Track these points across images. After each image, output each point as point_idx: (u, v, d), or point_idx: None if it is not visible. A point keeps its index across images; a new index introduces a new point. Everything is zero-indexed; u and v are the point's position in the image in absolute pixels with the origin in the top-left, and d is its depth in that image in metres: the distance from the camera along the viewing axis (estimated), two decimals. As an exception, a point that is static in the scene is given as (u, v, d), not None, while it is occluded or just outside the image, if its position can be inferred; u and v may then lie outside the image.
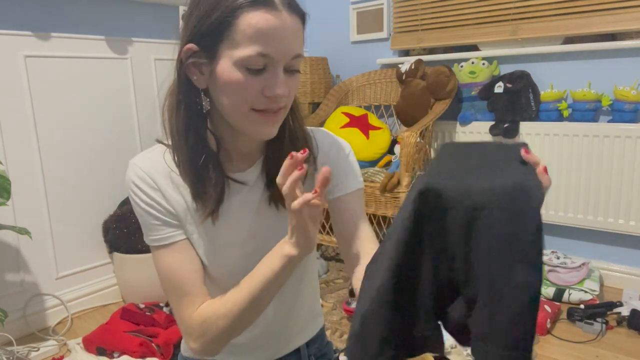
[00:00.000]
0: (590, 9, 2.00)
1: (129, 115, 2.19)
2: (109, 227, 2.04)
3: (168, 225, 0.75)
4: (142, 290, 2.02)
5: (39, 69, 1.88)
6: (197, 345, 0.73)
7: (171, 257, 0.75)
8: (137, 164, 0.75)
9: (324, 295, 2.09)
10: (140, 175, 0.74)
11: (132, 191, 0.75)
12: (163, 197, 0.75)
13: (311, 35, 3.05)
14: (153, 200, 0.74)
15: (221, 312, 0.71)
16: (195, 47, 0.70)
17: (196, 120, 0.72)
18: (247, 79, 0.66)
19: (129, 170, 0.76)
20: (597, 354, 1.59)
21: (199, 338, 0.73)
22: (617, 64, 2.00)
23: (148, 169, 0.75)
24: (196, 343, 0.73)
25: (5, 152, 1.80)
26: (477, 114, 2.31)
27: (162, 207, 0.75)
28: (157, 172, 0.75)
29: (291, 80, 0.70)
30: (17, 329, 1.84)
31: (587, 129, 2.01)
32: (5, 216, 1.81)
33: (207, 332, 0.72)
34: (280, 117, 0.72)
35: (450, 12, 2.39)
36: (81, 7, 2.00)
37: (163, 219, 0.75)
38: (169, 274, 0.75)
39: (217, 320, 0.71)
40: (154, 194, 0.74)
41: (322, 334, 0.99)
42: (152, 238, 0.76)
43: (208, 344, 0.73)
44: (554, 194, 2.14)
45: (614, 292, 2.04)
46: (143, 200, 0.75)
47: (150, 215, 0.75)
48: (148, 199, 0.74)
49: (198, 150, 0.73)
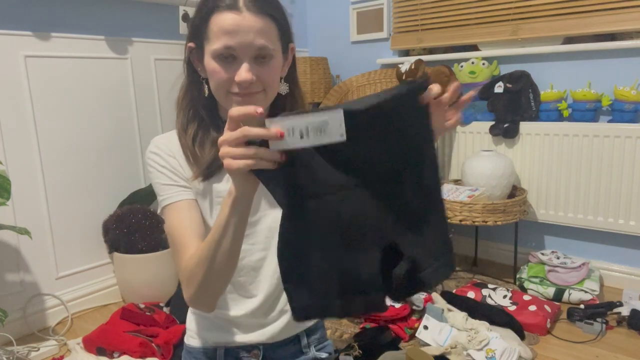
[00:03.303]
0: (590, 9, 2.00)
1: (129, 115, 2.19)
2: (109, 227, 2.04)
3: (177, 185, 0.88)
4: (142, 290, 2.02)
5: (39, 69, 1.88)
6: (187, 295, 0.81)
7: (174, 215, 0.86)
8: (157, 139, 0.92)
9: (324, 295, 2.09)
10: (159, 146, 0.90)
11: (150, 158, 0.89)
12: (177, 162, 0.89)
13: (311, 35, 3.05)
14: (167, 163, 0.88)
15: (198, 259, 0.77)
16: (193, 45, 0.87)
17: (198, 101, 0.89)
18: (220, 68, 0.81)
19: (150, 145, 0.91)
20: (597, 354, 1.59)
21: (187, 287, 0.80)
22: (617, 64, 2.00)
23: (166, 142, 0.90)
24: (186, 292, 0.81)
25: (5, 152, 1.80)
26: (477, 114, 2.31)
27: (174, 169, 0.88)
28: (174, 145, 0.90)
29: (262, 69, 0.82)
30: (17, 329, 1.84)
31: (587, 129, 2.01)
32: (5, 216, 1.81)
33: (192, 279, 0.79)
34: (258, 100, 0.83)
35: (450, 12, 2.39)
36: (81, 7, 2.00)
37: (174, 179, 0.88)
38: (170, 229, 0.86)
39: (196, 266, 0.78)
40: (169, 159, 0.89)
41: (322, 328, 1.07)
42: (163, 198, 0.88)
43: (195, 293, 0.79)
44: (554, 194, 2.14)
45: (614, 292, 2.04)
46: (159, 163, 0.89)
47: (163, 175, 0.88)
48: (164, 162, 0.88)
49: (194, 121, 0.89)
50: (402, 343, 1.66)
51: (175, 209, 0.86)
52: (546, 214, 2.18)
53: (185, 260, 0.81)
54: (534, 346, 1.64)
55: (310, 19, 3.03)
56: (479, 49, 2.36)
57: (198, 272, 0.77)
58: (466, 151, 2.36)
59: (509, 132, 2.17)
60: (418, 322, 1.66)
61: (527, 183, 2.21)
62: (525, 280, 2.03)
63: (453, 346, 1.51)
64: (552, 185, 2.15)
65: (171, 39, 2.30)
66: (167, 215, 0.87)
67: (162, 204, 0.88)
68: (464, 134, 2.35)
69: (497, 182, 2.04)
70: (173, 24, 2.27)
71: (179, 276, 0.85)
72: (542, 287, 1.98)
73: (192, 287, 0.79)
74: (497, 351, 1.48)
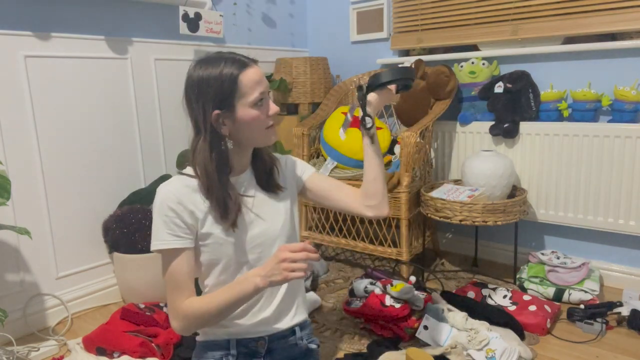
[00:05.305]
0: (590, 9, 2.00)
1: (129, 115, 2.19)
2: (109, 227, 2.04)
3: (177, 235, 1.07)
4: (142, 290, 2.02)
5: (39, 69, 1.88)
6: (177, 325, 1.08)
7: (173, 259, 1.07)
8: (164, 188, 1.08)
9: (324, 295, 2.09)
10: (167, 199, 1.06)
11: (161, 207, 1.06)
12: (184, 210, 1.07)
13: (311, 35, 3.05)
14: (174, 213, 1.06)
15: (200, 310, 1.05)
16: (218, 111, 1.05)
17: (221, 158, 1.08)
18: (258, 112, 1.08)
19: (158, 194, 1.08)
20: (597, 354, 1.59)
21: (181, 322, 1.07)
22: (617, 64, 2.00)
23: (172, 190, 1.08)
24: (178, 324, 1.07)
25: (5, 152, 1.80)
26: (477, 114, 2.32)
27: (182, 220, 1.06)
28: (180, 194, 1.07)
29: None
30: (17, 329, 1.84)
31: (587, 129, 2.01)
32: (5, 216, 1.81)
33: (188, 318, 1.06)
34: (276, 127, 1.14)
35: (450, 12, 2.40)
36: (81, 7, 2.00)
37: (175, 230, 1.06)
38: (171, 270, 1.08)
39: (195, 313, 1.05)
40: (177, 206, 1.06)
41: (310, 324, 1.33)
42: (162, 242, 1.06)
43: (186, 327, 1.08)
44: (554, 194, 2.14)
45: (614, 292, 2.04)
46: (167, 216, 1.06)
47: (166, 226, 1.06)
48: (171, 212, 1.06)
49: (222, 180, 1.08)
50: (402, 343, 1.66)
51: (174, 254, 1.07)
52: (546, 214, 2.18)
53: (183, 302, 1.06)
54: (534, 346, 1.64)
55: (310, 19, 3.03)
56: (479, 49, 2.36)
57: (199, 316, 1.05)
58: (466, 151, 2.36)
59: (509, 132, 2.17)
60: (418, 322, 1.66)
61: (527, 183, 2.21)
62: (525, 280, 2.04)
63: (453, 346, 1.51)
64: (552, 185, 2.15)
65: (171, 39, 2.31)
66: (167, 258, 1.07)
67: (159, 246, 1.06)
68: (464, 134, 2.35)
69: (497, 182, 2.04)
70: (173, 24, 2.27)
71: (169, 309, 1.09)
72: (542, 287, 1.98)
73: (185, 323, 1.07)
74: (497, 351, 1.48)
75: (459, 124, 2.36)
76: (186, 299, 1.06)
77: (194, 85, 1.06)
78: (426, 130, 2.21)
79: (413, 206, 2.16)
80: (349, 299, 1.86)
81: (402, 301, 1.68)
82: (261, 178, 1.19)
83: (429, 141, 2.30)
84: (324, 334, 1.77)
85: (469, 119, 2.32)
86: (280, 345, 1.22)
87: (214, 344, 1.18)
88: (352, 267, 2.44)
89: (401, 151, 2.10)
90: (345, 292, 2.11)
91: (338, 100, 2.66)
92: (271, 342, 1.20)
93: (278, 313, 1.20)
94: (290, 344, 1.24)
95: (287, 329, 1.22)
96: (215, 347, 1.18)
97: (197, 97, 1.06)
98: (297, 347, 1.25)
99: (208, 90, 1.04)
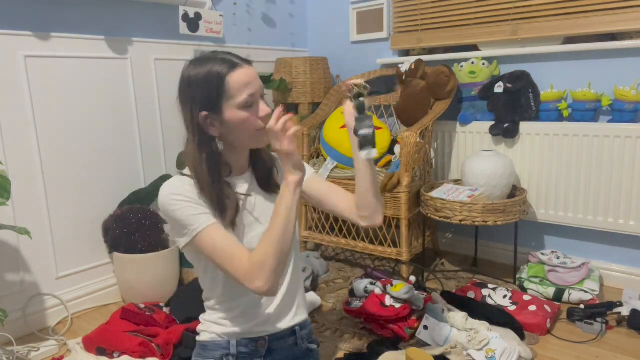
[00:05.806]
0: (590, 9, 2.00)
1: (129, 115, 2.19)
2: (109, 227, 2.04)
3: (205, 214, 1.05)
4: (142, 290, 2.02)
5: (39, 69, 1.88)
6: (261, 282, 1.00)
7: (215, 233, 1.04)
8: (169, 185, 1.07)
9: (324, 295, 2.09)
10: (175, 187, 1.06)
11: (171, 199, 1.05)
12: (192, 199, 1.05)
13: (311, 35, 3.05)
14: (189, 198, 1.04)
15: (266, 246, 1.01)
16: (206, 112, 1.04)
17: (212, 158, 1.07)
18: (248, 114, 1.05)
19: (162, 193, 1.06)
20: (597, 354, 1.59)
21: (260, 274, 0.99)
22: (617, 64, 2.00)
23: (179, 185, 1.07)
24: (261, 280, 1.00)
25: (5, 152, 1.80)
26: (477, 114, 2.32)
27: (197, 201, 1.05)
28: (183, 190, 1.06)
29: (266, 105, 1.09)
30: (17, 329, 1.84)
31: (587, 129, 2.01)
32: (5, 216, 1.81)
33: (264, 266, 1.00)
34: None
35: (450, 12, 2.40)
36: (81, 7, 2.00)
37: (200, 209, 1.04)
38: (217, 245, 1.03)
39: (265, 255, 1.00)
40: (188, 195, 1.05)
41: (310, 324, 1.32)
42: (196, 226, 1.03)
43: (269, 278, 1.00)
44: (554, 194, 2.14)
45: (614, 292, 2.04)
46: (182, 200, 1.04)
47: (190, 207, 1.04)
48: (186, 197, 1.04)
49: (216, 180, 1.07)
50: (402, 343, 1.66)
51: (213, 230, 1.04)
52: (546, 214, 2.18)
53: (248, 259, 1.01)
54: (534, 346, 1.64)
55: (310, 19, 3.03)
56: (479, 49, 2.36)
57: (269, 258, 1.00)
58: (466, 151, 2.36)
59: (509, 132, 2.17)
60: (418, 322, 1.66)
61: (527, 183, 2.21)
62: (525, 280, 2.04)
63: (453, 346, 1.51)
64: (552, 185, 2.15)
65: (171, 39, 2.31)
66: (206, 236, 1.03)
67: (196, 231, 1.03)
68: (464, 134, 2.35)
69: (497, 182, 2.04)
70: (173, 24, 2.27)
71: (241, 278, 1.02)
72: (542, 287, 1.98)
73: (265, 273, 0.99)
74: (497, 351, 1.48)
75: (459, 124, 2.36)
76: (248, 255, 1.02)
77: (184, 85, 1.06)
78: (426, 130, 2.21)
79: (413, 206, 2.16)
80: (349, 299, 1.86)
81: (402, 301, 1.68)
82: (261, 179, 1.19)
83: (429, 141, 2.30)
84: (324, 334, 1.78)
85: (469, 119, 2.32)
86: (281, 345, 1.22)
87: (214, 344, 1.18)
88: (352, 267, 2.44)
89: (401, 151, 2.10)
90: (345, 292, 2.11)
91: (338, 100, 2.66)
92: (271, 342, 1.20)
93: (278, 313, 1.20)
94: (290, 344, 1.24)
95: (287, 329, 1.22)
96: (215, 347, 1.18)
97: (186, 97, 1.06)
98: (297, 347, 1.25)
99: (196, 90, 1.04)
